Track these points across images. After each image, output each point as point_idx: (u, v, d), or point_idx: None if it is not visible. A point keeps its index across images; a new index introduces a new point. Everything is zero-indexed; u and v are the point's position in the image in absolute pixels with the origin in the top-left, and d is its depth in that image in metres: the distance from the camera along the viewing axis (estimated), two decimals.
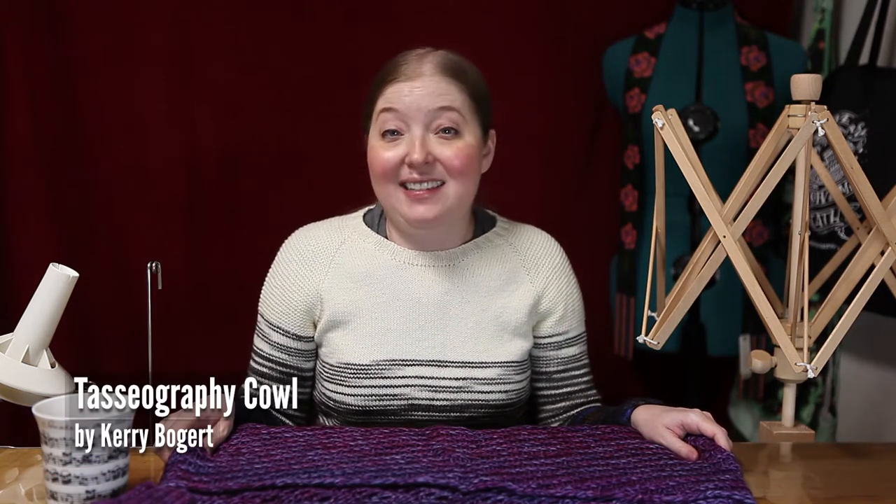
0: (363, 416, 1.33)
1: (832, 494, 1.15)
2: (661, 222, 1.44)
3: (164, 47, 2.27)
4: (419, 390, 1.33)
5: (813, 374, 1.34)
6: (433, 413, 1.33)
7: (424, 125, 1.28)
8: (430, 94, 1.28)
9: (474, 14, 2.30)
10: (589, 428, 1.26)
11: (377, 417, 1.33)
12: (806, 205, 1.35)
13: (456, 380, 1.33)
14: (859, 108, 1.93)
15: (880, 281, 1.33)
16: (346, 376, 1.33)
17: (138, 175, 2.30)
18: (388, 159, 1.29)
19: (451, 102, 1.28)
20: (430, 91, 1.28)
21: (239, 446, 1.17)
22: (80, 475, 0.99)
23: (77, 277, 1.27)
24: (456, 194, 1.30)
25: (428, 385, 1.33)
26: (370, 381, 1.32)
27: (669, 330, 1.38)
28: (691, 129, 2.07)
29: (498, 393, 1.34)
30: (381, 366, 1.32)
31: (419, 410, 1.33)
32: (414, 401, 1.33)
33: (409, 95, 1.28)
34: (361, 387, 1.32)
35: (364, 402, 1.32)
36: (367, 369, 1.32)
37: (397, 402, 1.33)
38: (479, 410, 1.34)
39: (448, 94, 1.29)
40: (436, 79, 1.29)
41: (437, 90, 1.28)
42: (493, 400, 1.34)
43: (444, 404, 1.33)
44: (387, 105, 1.29)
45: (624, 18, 2.30)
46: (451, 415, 1.33)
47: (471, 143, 1.30)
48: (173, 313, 2.23)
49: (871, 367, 2.20)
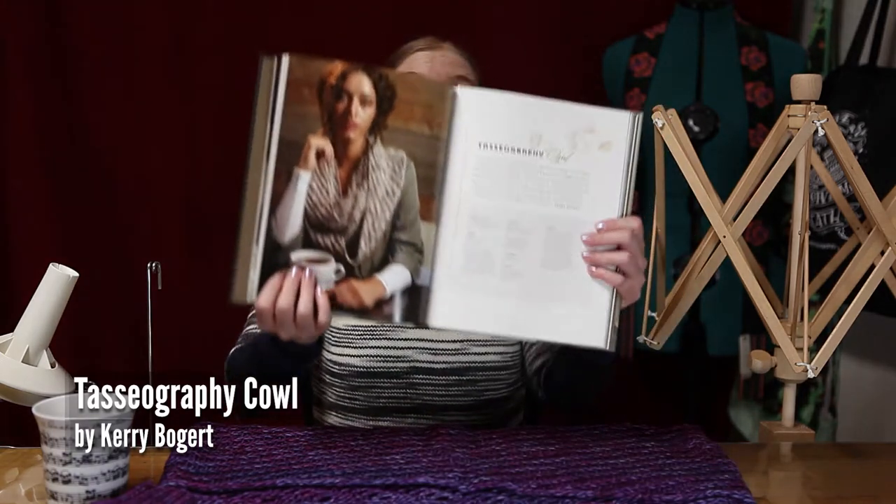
0: (368, 379, 1.36)
1: (832, 494, 1.15)
2: (662, 222, 1.44)
3: (164, 47, 2.27)
4: (420, 353, 1.37)
5: (813, 374, 1.34)
6: (433, 377, 1.37)
7: None
8: (450, 62, 1.37)
9: (474, 14, 2.31)
10: (587, 427, 1.26)
11: (381, 380, 1.36)
12: (806, 205, 1.35)
13: (454, 342, 1.37)
14: (859, 108, 1.93)
15: (880, 281, 1.34)
16: (353, 338, 1.37)
17: (138, 175, 2.30)
18: None
19: (467, 73, 1.38)
20: (450, 60, 1.38)
21: (243, 444, 1.17)
22: (80, 475, 0.99)
23: (77, 277, 1.27)
24: None
25: (428, 348, 1.37)
26: (376, 342, 1.37)
27: (669, 330, 1.38)
28: (691, 129, 2.07)
29: (493, 354, 1.38)
30: (386, 326, 1.38)
31: (420, 373, 1.37)
32: (416, 363, 1.37)
33: (429, 62, 1.37)
34: (368, 347, 1.37)
35: (370, 364, 1.36)
36: (374, 330, 1.37)
37: (400, 364, 1.37)
38: (477, 374, 1.37)
39: (464, 67, 1.39)
40: (452, 51, 1.39)
41: (456, 61, 1.38)
42: (489, 362, 1.37)
43: (443, 367, 1.37)
44: (409, 69, 1.36)
45: (624, 18, 2.30)
46: (450, 378, 1.36)
47: None
48: (173, 313, 2.23)
49: (871, 367, 2.20)
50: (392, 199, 1.08)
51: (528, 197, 1.09)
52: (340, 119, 1.07)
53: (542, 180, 1.10)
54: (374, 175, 1.07)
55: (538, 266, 1.10)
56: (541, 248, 1.10)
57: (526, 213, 1.09)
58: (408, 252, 1.09)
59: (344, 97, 1.07)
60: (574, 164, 1.10)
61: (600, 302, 1.11)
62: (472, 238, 1.09)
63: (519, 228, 1.09)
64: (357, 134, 1.07)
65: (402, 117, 1.07)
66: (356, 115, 1.07)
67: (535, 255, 1.10)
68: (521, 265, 1.10)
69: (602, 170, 1.10)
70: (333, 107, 1.07)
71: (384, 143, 1.08)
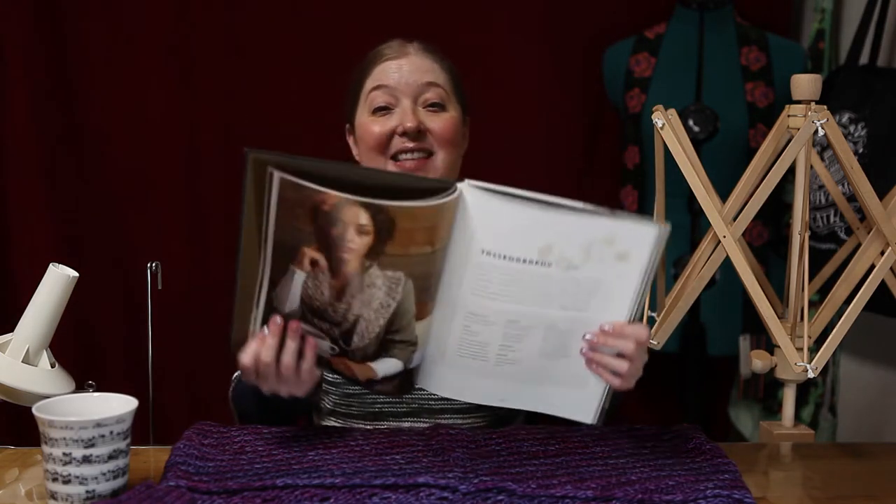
0: (361, 387, 1.34)
1: (832, 494, 1.15)
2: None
3: (164, 46, 2.27)
4: None
5: (813, 374, 1.34)
6: None
7: (413, 98, 1.35)
8: (417, 69, 1.36)
9: (474, 14, 2.31)
10: (587, 427, 1.26)
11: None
12: (806, 205, 1.35)
13: None
14: (859, 108, 1.93)
15: (880, 281, 1.33)
16: None
17: (138, 175, 2.30)
18: (381, 132, 1.34)
19: (435, 78, 1.37)
20: (416, 67, 1.36)
21: (243, 444, 1.17)
22: (80, 475, 0.99)
23: (77, 277, 1.27)
24: (444, 165, 1.35)
25: None
26: None
27: (669, 330, 1.38)
28: (691, 129, 2.07)
29: None
30: None
31: None
32: None
33: (397, 72, 1.35)
34: None
35: None
36: None
37: None
38: None
39: (433, 72, 1.37)
40: (420, 56, 1.38)
41: (423, 66, 1.36)
42: None
43: None
44: (376, 83, 1.36)
45: (624, 18, 2.30)
46: None
47: (455, 116, 1.38)
48: (173, 313, 2.23)
49: (871, 367, 2.20)
50: (387, 311, 1.03)
51: (531, 300, 1.02)
52: (335, 241, 0.99)
53: (547, 286, 1.02)
54: (370, 291, 1.02)
55: (535, 356, 1.06)
56: (539, 341, 1.05)
57: (527, 314, 1.03)
58: (401, 347, 1.07)
59: (339, 224, 0.97)
60: (586, 273, 1.01)
61: (594, 389, 1.10)
62: (467, 331, 1.05)
63: (518, 326, 1.04)
64: (353, 256, 0.99)
65: (402, 244, 0.99)
66: (351, 242, 0.98)
67: (534, 347, 1.06)
68: (517, 355, 1.06)
69: (616, 277, 1.02)
70: (328, 231, 0.98)
71: (381, 266, 1.00)
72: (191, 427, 1.21)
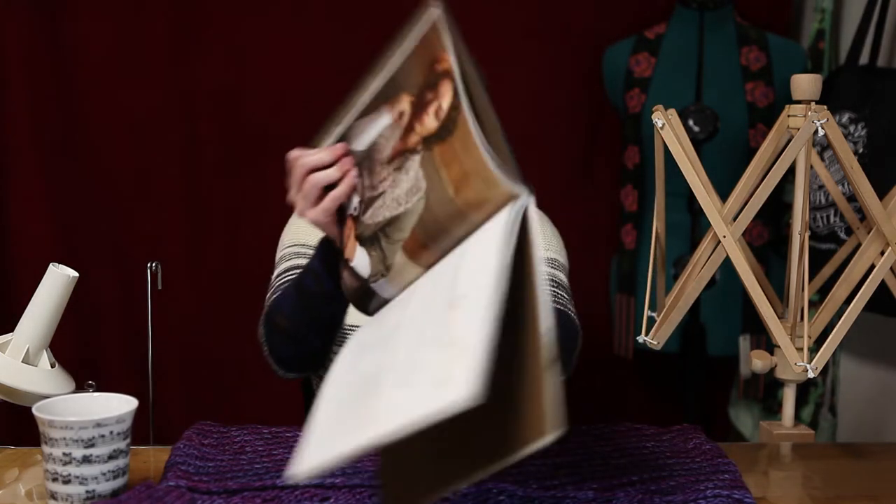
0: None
1: (832, 494, 1.15)
2: (661, 222, 1.44)
3: (164, 46, 2.27)
4: None
5: (813, 374, 1.34)
6: None
7: None
8: None
9: (474, 14, 2.30)
10: (587, 427, 1.26)
11: None
12: (806, 205, 1.35)
13: None
14: (859, 108, 1.93)
15: (880, 281, 1.33)
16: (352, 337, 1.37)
17: (138, 175, 2.30)
18: None
19: None
20: None
21: (243, 444, 1.17)
22: (80, 475, 0.99)
23: (77, 277, 1.27)
24: None
25: None
26: None
27: (669, 330, 1.38)
28: (691, 129, 2.07)
29: None
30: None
31: None
32: None
33: None
34: None
35: None
36: None
37: None
38: None
39: None
40: None
41: None
42: None
43: None
44: None
45: (624, 18, 2.30)
46: None
47: None
48: (173, 313, 2.23)
49: (871, 367, 2.20)
50: (397, 206, 1.02)
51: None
52: (422, 105, 0.97)
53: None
54: (403, 175, 1.01)
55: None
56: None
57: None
58: (378, 256, 1.04)
59: (433, 92, 0.96)
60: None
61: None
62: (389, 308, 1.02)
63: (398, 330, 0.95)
64: (420, 129, 0.98)
65: (445, 159, 0.94)
66: (427, 114, 0.97)
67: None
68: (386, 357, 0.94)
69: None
70: (424, 91, 0.97)
71: (422, 162, 0.97)
72: (191, 427, 1.21)
